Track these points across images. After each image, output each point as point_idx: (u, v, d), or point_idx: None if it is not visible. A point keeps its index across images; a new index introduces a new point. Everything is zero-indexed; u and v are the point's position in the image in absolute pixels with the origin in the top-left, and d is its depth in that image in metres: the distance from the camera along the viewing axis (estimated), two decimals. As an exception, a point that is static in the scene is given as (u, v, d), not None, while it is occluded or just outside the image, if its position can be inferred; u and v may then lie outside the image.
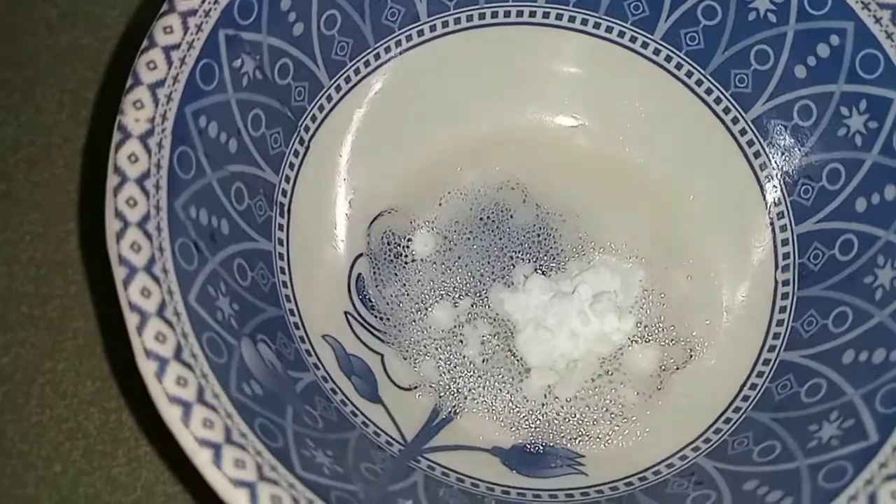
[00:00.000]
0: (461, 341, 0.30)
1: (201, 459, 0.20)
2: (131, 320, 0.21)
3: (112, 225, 0.22)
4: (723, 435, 0.27)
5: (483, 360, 0.30)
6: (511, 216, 0.32)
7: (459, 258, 0.31)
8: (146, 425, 0.31)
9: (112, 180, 0.22)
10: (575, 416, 0.29)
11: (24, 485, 0.30)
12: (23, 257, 0.33)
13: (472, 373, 0.30)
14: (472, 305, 0.30)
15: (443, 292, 0.31)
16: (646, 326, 0.30)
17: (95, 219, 0.33)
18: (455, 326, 0.30)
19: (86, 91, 0.35)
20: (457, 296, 0.31)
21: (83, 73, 0.36)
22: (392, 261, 0.31)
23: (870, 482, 0.22)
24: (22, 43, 0.36)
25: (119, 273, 0.22)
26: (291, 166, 0.29)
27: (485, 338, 0.30)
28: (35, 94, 0.35)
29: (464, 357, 0.30)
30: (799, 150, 0.29)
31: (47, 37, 0.36)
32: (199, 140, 0.25)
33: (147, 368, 0.21)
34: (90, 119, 0.35)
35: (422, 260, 0.31)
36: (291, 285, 0.28)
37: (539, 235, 0.31)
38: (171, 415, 0.20)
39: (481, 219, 0.32)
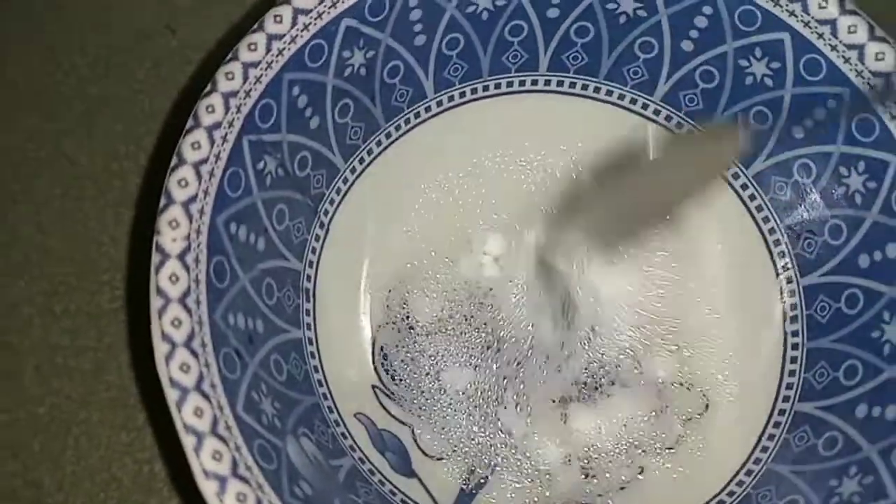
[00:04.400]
0: (486, 406, 0.31)
1: (267, 574, 0.21)
2: (188, 442, 0.22)
3: (160, 348, 0.23)
4: (746, 488, 0.29)
5: (506, 425, 0.31)
6: (528, 278, 0.33)
7: (480, 323, 0.32)
8: (178, 475, 0.31)
9: (156, 302, 0.23)
10: (600, 475, 0.30)
11: None
12: (57, 309, 0.33)
13: (499, 437, 0.31)
14: (497, 368, 0.31)
15: (464, 358, 0.32)
16: (658, 379, 0.32)
17: (133, 268, 0.34)
18: (479, 392, 0.31)
19: (116, 142, 0.36)
20: (479, 361, 0.32)
21: (113, 124, 0.36)
22: (412, 329, 0.32)
23: (894, 543, 0.24)
24: (52, 94, 0.36)
25: (171, 395, 0.22)
26: (314, 251, 0.30)
27: (512, 404, 0.31)
28: (65, 145, 0.36)
29: (489, 421, 0.31)
30: (800, 205, 0.31)
31: (77, 87, 0.37)
32: (232, 247, 0.26)
33: (208, 489, 0.22)
34: (122, 171, 0.35)
35: (441, 326, 0.32)
36: (322, 369, 0.29)
37: (559, 293, 0.32)
38: (234, 533, 0.21)
39: (499, 283, 0.33)
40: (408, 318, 0.32)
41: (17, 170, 0.35)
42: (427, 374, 0.31)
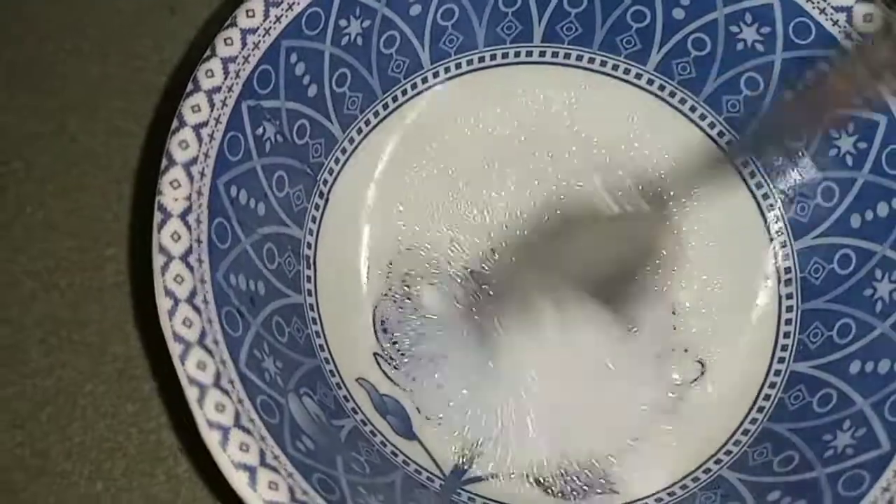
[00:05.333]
0: (486, 374, 0.31)
1: (271, 521, 0.22)
2: (191, 393, 0.22)
3: (163, 303, 0.23)
4: (742, 447, 0.29)
5: (511, 389, 0.31)
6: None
7: (476, 294, 0.33)
8: (186, 443, 0.32)
9: (158, 260, 0.24)
10: (598, 437, 0.30)
11: (67, 503, 0.31)
12: (61, 283, 0.34)
13: (500, 401, 0.31)
14: (496, 338, 0.32)
15: (464, 326, 0.32)
16: (655, 344, 0.32)
17: (136, 241, 0.34)
18: (477, 361, 0.32)
19: (117, 120, 0.36)
20: (478, 330, 0.32)
21: (115, 102, 0.36)
22: (412, 299, 0.32)
23: (886, 489, 0.24)
24: (55, 73, 0.37)
25: (175, 349, 0.23)
26: (314, 220, 0.31)
27: (510, 370, 0.31)
28: (68, 123, 0.36)
29: (491, 388, 0.31)
30: (793, 169, 0.31)
31: (80, 67, 0.37)
32: (232, 209, 0.26)
33: (211, 438, 0.22)
34: (123, 147, 0.36)
35: (440, 297, 0.32)
36: (324, 334, 0.30)
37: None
38: (238, 480, 0.22)
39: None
40: (409, 289, 0.32)
41: (21, 147, 0.36)
42: (429, 342, 0.32)
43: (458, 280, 0.32)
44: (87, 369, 0.33)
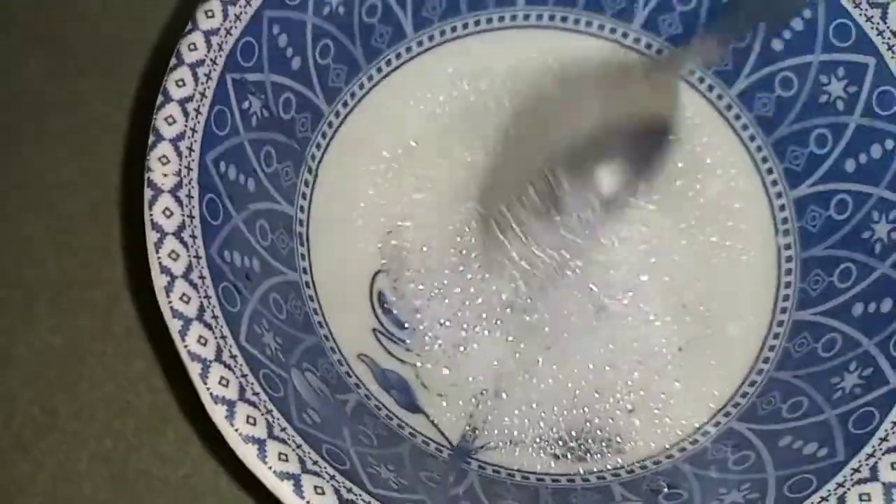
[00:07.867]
0: (488, 343, 0.31)
1: (284, 491, 0.21)
2: (193, 369, 0.22)
3: (159, 280, 0.23)
4: (750, 398, 0.29)
5: (513, 356, 0.31)
6: (523, 219, 0.33)
7: (472, 263, 0.32)
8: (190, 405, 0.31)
9: (152, 236, 0.23)
10: (605, 397, 0.30)
11: (78, 460, 0.31)
12: (73, 243, 0.34)
13: (504, 369, 0.31)
14: (495, 306, 0.31)
15: (461, 297, 0.32)
16: (657, 302, 0.32)
17: (137, 211, 0.34)
18: (478, 329, 0.31)
19: (128, 83, 0.36)
20: (475, 299, 0.32)
21: (126, 65, 0.36)
22: (406, 273, 0.32)
23: (897, 424, 0.24)
24: (67, 36, 0.37)
25: (174, 325, 0.22)
26: (304, 196, 0.30)
27: (511, 337, 0.31)
28: (79, 86, 0.36)
29: (494, 357, 0.31)
30: (784, 119, 0.31)
31: (91, 30, 0.37)
32: (222, 185, 0.26)
33: (217, 413, 0.22)
34: (135, 110, 0.36)
35: (435, 268, 0.32)
36: (321, 311, 0.29)
37: (559, 230, 0.32)
38: (247, 453, 0.21)
39: (489, 224, 0.33)
40: (403, 262, 0.32)
41: (32, 109, 0.35)
42: (427, 315, 0.31)
43: (453, 251, 0.32)
44: (96, 328, 0.32)
